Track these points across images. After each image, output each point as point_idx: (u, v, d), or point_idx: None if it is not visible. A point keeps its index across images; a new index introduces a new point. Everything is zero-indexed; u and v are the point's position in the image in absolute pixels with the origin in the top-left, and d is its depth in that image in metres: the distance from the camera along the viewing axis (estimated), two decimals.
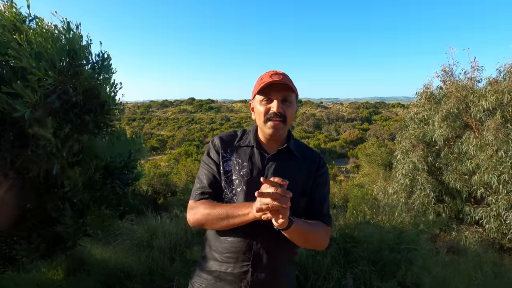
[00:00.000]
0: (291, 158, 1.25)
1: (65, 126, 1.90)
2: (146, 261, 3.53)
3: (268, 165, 1.22)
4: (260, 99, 1.19)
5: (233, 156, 1.25)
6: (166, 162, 27.26)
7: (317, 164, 1.29)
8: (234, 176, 1.22)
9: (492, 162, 5.73)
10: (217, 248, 1.22)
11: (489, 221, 5.79)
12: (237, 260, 1.18)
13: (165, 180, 11.51)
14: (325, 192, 1.29)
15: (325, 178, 1.30)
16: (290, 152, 1.25)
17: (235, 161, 1.24)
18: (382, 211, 4.77)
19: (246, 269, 1.17)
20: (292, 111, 1.20)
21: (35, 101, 1.72)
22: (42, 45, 1.76)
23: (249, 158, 1.23)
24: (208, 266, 1.23)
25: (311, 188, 1.26)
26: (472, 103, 6.53)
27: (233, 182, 1.22)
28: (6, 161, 1.87)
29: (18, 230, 2.37)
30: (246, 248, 1.17)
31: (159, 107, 62.32)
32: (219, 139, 1.30)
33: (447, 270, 3.28)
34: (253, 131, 1.29)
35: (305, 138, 38.19)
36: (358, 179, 18.65)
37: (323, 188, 1.28)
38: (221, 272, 1.19)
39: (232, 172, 1.23)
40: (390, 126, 38.54)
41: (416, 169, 7.00)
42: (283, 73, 1.20)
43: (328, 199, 1.30)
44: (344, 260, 3.20)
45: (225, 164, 1.25)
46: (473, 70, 7.10)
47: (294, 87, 1.20)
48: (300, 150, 1.29)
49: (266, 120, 1.18)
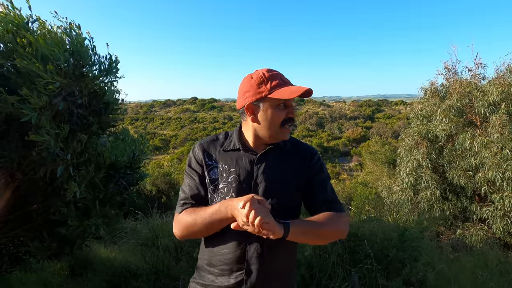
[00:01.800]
0: (281, 154, 1.21)
1: (66, 127, 1.89)
2: (152, 260, 3.55)
3: (257, 167, 1.17)
4: (277, 104, 1.15)
5: (219, 163, 1.20)
6: (169, 161, 27.35)
7: (309, 155, 1.24)
8: (221, 185, 1.17)
9: (496, 159, 5.70)
10: (210, 261, 1.18)
11: (495, 221, 5.75)
12: (232, 271, 1.14)
13: (168, 179, 11.56)
14: (324, 179, 1.23)
15: (320, 165, 1.24)
16: (280, 148, 1.22)
17: (221, 168, 1.19)
18: (387, 209, 4.76)
19: (241, 279, 1.13)
20: None
21: (42, 105, 1.73)
22: (47, 48, 1.77)
23: (236, 162, 1.18)
24: (204, 279, 1.20)
25: (308, 181, 1.21)
26: (476, 98, 6.50)
27: (222, 191, 1.16)
28: (13, 162, 1.88)
29: (24, 230, 2.39)
30: (240, 257, 1.13)
31: (161, 107, 62.45)
32: (200, 148, 1.23)
33: (452, 267, 3.27)
34: (236, 133, 1.24)
35: (308, 136, 38.13)
36: (362, 177, 18.62)
37: (320, 176, 1.23)
38: (218, 285, 1.15)
39: (219, 180, 1.18)
40: (393, 123, 38.38)
41: (420, 166, 6.97)
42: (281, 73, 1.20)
43: (329, 184, 1.24)
44: (349, 258, 3.20)
45: (211, 172, 1.20)
46: (477, 67, 7.08)
47: None
48: (290, 144, 1.25)
49: (283, 125, 1.16)
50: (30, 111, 1.69)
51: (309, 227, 1.10)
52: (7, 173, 1.93)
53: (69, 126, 1.94)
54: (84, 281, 3.46)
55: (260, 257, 1.13)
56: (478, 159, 6.00)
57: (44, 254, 2.29)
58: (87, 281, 3.43)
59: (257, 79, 1.17)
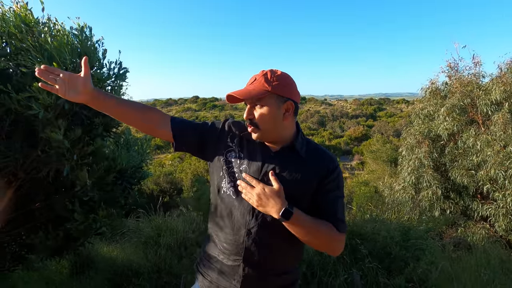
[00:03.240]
0: (295, 157, 1.19)
1: (77, 128, 1.92)
2: (154, 258, 3.56)
3: (268, 162, 1.17)
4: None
5: (237, 147, 1.23)
6: (171, 160, 27.37)
7: (326, 168, 1.18)
8: (235, 169, 1.20)
9: (499, 157, 5.68)
10: (217, 234, 1.23)
11: (498, 219, 5.73)
12: (231, 253, 1.17)
13: (170, 178, 11.59)
14: (337, 197, 1.19)
15: (337, 183, 1.19)
16: (295, 151, 1.19)
17: (237, 154, 1.22)
18: (389, 208, 4.75)
19: (238, 264, 1.16)
20: (262, 114, 1.13)
21: (49, 103, 1.75)
22: (55, 48, 1.78)
23: (250, 155, 1.20)
24: (211, 249, 1.25)
25: (318, 195, 1.17)
26: (478, 97, 6.48)
27: (232, 176, 1.20)
28: (17, 161, 1.89)
29: (27, 229, 2.40)
30: (239, 242, 1.15)
31: (163, 106, 62.50)
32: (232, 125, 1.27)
33: (454, 266, 3.26)
34: None
35: (310, 135, 38.08)
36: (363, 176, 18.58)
37: (334, 193, 1.19)
38: (220, 262, 1.21)
39: (233, 164, 1.21)
40: (395, 122, 38.26)
41: (422, 165, 6.96)
42: (261, 73, 1.15)
43: (341, 204, 1.20)
44: (351, 256, 3.20)
45: (228, 154, 1.23)
46: (475, 65, 7.06)
47: (263, 87, 1.12)
48: (308, 150, 1.22)
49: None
50: (38, 107, 1.70)
51: (310, 223, 1.11)
52: (10, 172, 1.94)
53: (81, 129, 1.96)
54: (86, 279, 3.47)
55: (258, 248, 1.15)
56: (481, 157, 5.97)
57: (47, 250, 2.30)
58: (89, 279, 3.44)
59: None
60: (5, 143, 1.84)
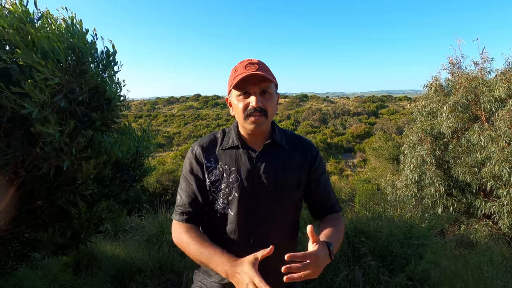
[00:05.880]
0: (279, 150, 1.19)
1: (70, 121, 1.90)
2: (156, 256, 3.57)
3: (257, 165, 1.14)
4: (237, 94, 1.10)
5: (218, 163, 1.16)
6: (173, 158, 27.44)
7: (310, 154, 1.22)
8: (223, 185, 1.14)
9: (503, 154, 5.64)
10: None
11: (502, 216, 5.70)
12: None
13: (172, 176, 11.62)
14: (326, 180, 1.26)
15: (322, 166, 1.25)
16: (278, 144, 1.18)
17: (221, 168, 1.15)
18: (392, 205, 4.74)
19: None
20: (272, 103, 1.11)
21: (43, 101, 1.74)
22: (49, 43, 1.76)
23: (235, 161, 1.15)
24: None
25: (310, 181, 1.22)
26: (482, 93, 6.43)
27: (224, 191, 1.14)
28: (17, 160, 1.89)
29: (29, 227, 2.41)
30: (248, 253, 1.08)
31: (165, 104, 62.65)
32: (200, 148, 1.19)
33: (457, 264, 3.25)
34: (234, 130, 1.20)
35: (311, 133, 38.03)
36: (365, 173, 18.55)
37: (323, 177, 1.25)
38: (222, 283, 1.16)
39: (220, 180, 1.15)
40: (397, 119, 38.15)
41: (425, 162, 6.93)
42: (258, 62, 1.11)
43: (329, 184, 1.27)
44: (353, 254, 3.19)
45: (210, 174, 1.16)
46: (483, 61, 7.00)
47: (273, 76, 1.12)
48: (288, 139, 1.22)
49: (246, 116, 1.09)
50: (31, 106, 1.69)
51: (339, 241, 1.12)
52: (10, 170, 1.94)
53: (74, 122, 1.95)
54: (89, 276, 3.49)
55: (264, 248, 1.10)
56: (485, 154, 5.94)
57: (51, 248, 2.31)
58: (92, 277, 3.46)
59: (232, 70, 1.16)
60: (4, 141, 1.84)
